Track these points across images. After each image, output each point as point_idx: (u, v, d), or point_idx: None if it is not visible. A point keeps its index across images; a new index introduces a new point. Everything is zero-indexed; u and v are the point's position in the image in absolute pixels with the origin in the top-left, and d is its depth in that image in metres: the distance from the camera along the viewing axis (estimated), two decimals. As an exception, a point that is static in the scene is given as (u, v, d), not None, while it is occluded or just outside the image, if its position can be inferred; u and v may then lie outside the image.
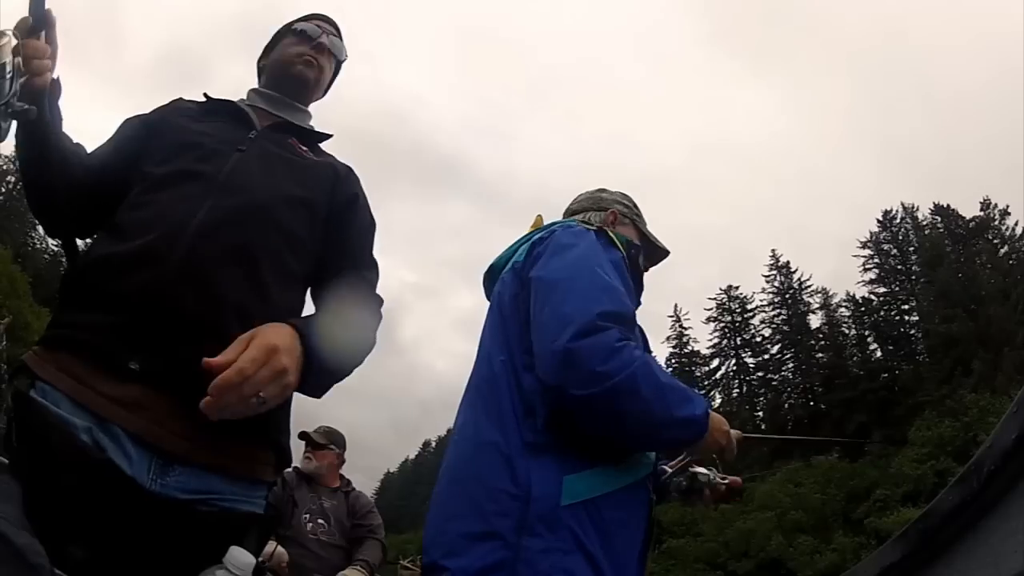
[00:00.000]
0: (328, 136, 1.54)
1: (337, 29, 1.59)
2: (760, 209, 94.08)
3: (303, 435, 3.73)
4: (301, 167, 1.40)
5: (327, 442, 3.73)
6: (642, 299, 1.70)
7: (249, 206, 1.25)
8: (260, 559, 1.19)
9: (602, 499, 1.35)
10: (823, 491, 32.25)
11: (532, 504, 1.33)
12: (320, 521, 3.50)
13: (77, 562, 1.01)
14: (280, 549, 3.27)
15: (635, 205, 1.85)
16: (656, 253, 1.85)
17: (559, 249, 1.48)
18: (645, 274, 1.76)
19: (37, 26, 1.08)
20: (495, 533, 1.32)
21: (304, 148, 1.46)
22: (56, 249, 44.58)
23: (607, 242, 1.55)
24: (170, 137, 1.33)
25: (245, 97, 1.52)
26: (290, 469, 3.65)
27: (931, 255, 38.43)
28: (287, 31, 1.56)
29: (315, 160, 1.45)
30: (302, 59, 1.50)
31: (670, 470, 1.69)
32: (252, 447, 1.23)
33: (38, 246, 45.40)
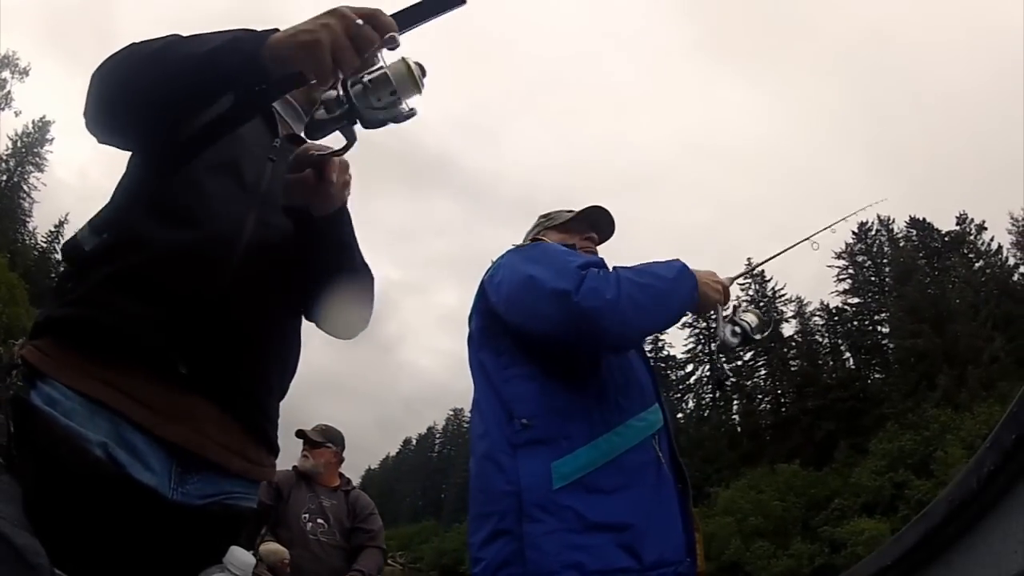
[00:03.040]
0: None
1: None
2: (747, 209, 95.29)
3: (300, 433, 3.69)
4: None
5: (324, 440, 3.67)
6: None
7: (288, 229, 1.27)
8: (252, 551, 1.22)
9: (594, 474, 1.47)
10: (783, 498, 32.71)
11: (524, 494, 1.46)
12: (319, 521, 3.46)
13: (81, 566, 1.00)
14: (277, 546, 3.25)
15: (547, 216, 2.04)
16: (594, 219, 1.98)
17: (512, 265, 1.66)
18: (608, 241, 2.02)
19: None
20: (502, 531, 1.46)
21: None
22: (45, 245, 45.60)
23: (540, 242, 1.81)
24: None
25: None
26: (289, 469, 3.63)
27: (902, 271, 39.02)
28: None
29: None
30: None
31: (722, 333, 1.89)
32: (265, 450, 1.29)
33: (27, 242, 45.37)
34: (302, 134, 1.52)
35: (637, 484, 1.50)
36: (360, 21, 0.98)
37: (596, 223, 1.97)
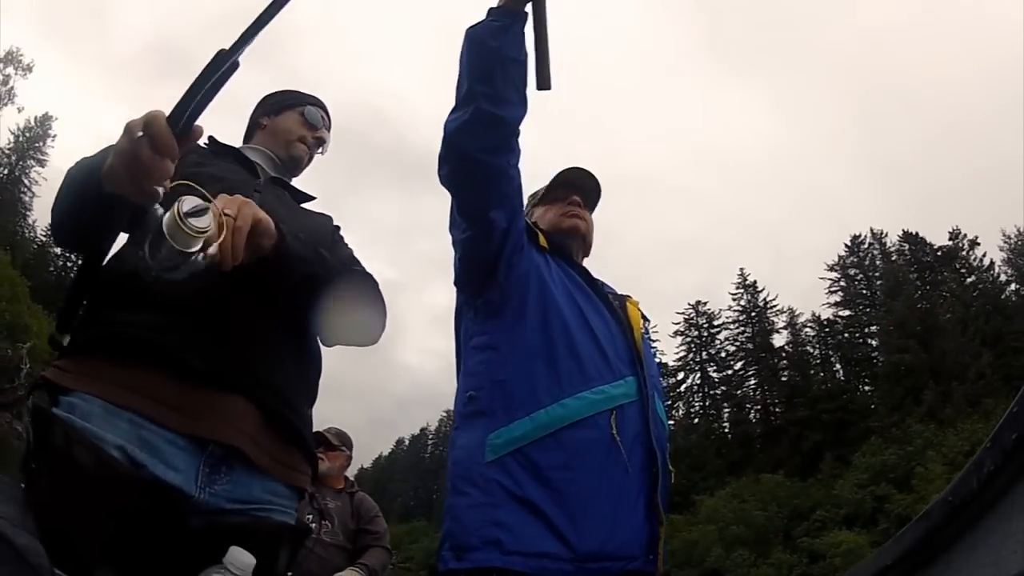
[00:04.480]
0: (313, 198, 1.66)
1: (330, 120, 1.74)
2: (739, 216, 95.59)
3: (316, 435, 3.66)
4: (306, 215, 1.55)
5: (340, 443, 3.72)
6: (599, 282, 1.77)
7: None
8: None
9: (530, 448, 1.37)
10: (765, 508, 32.85)
11: (454, 467, 1.42)
12: (324, 521, 3.45)
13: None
14: None
15: (532, 195, 1.95)
16: (571, 181, 1.88)
17: None
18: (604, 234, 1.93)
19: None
20: (448, 507, 1.41)
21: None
22: (45, 239, 45.86)
23: None
24: (190, 169, 1.25)
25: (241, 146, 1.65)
26: None
27: (892, 284, 39.12)
28: (294, 103, 1.68)
29: (314, 212, 1.60)
30: (303, 144, 1.65)
31: None
32: (299, 453, 1.30)
33: (27, 235, 45.96)
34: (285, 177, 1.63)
35: (580, 464, 1.37)
36: (140, 134, 0.95)
37: (574, 184, 1.84)
